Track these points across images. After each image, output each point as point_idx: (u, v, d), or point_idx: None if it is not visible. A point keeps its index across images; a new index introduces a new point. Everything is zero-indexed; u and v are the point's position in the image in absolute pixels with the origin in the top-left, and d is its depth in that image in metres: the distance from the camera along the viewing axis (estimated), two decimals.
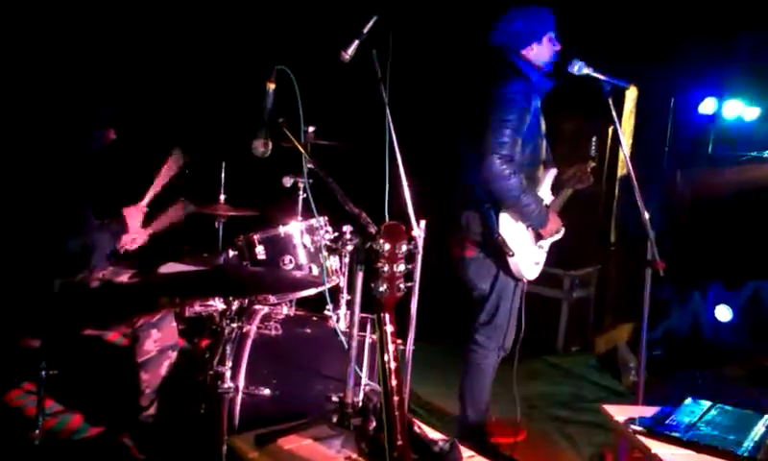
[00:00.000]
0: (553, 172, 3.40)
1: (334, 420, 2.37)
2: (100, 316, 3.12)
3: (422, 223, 2.52)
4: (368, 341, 2.85)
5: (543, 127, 3.29)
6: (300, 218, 3.19)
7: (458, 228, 3.26)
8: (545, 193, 3.36)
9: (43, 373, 2.79)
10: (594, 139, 3.42)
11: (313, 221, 3.03)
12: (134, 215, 3.25)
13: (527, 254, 3.21)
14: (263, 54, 4.18)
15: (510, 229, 3.13)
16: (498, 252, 3.15)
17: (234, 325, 2.62)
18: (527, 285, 3.33)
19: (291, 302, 3.20)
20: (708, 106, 5.51)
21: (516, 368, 3.28)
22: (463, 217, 3.24)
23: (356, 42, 2.45)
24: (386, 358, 1.67)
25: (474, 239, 3.22)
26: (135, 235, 3.25)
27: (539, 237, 3.26)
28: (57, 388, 3.01)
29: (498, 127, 2.99)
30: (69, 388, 3.13)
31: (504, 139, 2.99)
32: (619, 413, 2.60)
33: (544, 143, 3.33)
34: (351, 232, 2.65)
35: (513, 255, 3.12)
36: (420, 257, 2.51)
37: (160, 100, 4.55)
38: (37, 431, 2.76)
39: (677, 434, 2.34)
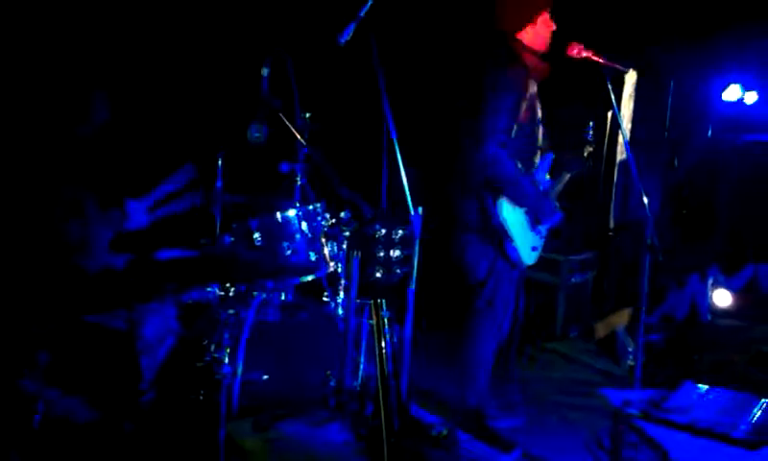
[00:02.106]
0: (550, 157, 3.39)
1: (332, 404, 2.38)
2: (100, 302, 3.12)
3: (420, 209, 2.51)
4: (365, 326, 2.85)
5: (540, 112, 3.28)
6: (297, 204, 3.19)
7: (456, 213, 3.26)
8: (543, 178, 3.35)
9: (43, 359, 2.80)
10: (591, 124, 3.41)
11: (310, 207, 3.03)
12: (137, 209, 3.25)
13: (525, 239, 3.21)
14: (259, 40, 4.16)
15: (508, 214, 3.13)
16: (496, 237, 3.15)
17: (232, 311, 2.63)
18: (525, 271, 3.34)
19: (289, 287, 3.20)
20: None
21: (515, 353, 3.29)
22: (460, 203, 3.24)
23: (352, 26, 2.44)
24: (382, 344, 1.68)
25: (472, 225, 3.22)
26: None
27: (536, 222, 3.26)
28: (56, 374, 3.02)
29: (494, 112, 2.99)
30: (68, 374, 3.13)
31: (499, 124, 2.99)
32: (617, 397, 2.60)
33: (541, 128, 3.32)
34: (348, 218, 2.65)
35: (511, 241, 3.12)
36: (417, 243, 2.51)
37: (156, 86, 4.53)
38: (37, 417, 2.78)
39: (673, 417, 2.34)
